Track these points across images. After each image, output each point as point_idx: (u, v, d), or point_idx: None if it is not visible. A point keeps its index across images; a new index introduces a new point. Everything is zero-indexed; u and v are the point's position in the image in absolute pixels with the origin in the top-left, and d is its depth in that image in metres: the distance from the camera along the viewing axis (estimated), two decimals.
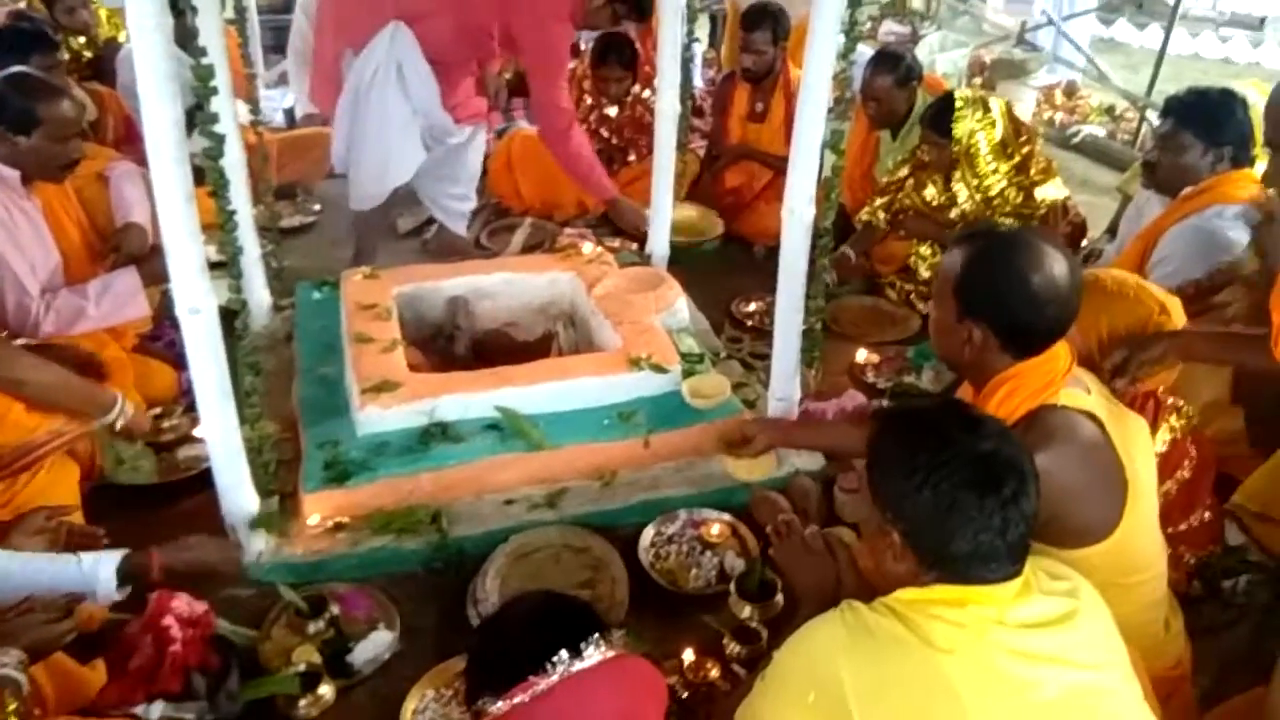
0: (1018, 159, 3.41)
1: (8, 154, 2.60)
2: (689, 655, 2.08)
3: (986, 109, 3.36)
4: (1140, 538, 1.74)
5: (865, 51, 4.77)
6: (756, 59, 4.18)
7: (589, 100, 4.58)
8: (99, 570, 1.89)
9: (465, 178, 4.05)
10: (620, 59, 4.41)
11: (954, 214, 3.50)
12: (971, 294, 1.73)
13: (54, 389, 2.35)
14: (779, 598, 2.23)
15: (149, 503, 2.53)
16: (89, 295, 2.72)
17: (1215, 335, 2.20)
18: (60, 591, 1.82)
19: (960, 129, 3.34)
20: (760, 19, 4.15)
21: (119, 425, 2.48)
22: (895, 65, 3.82)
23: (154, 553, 2.01)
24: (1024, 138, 3.44)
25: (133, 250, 2.95)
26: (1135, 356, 2.00)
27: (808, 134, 2.36)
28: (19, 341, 2.51)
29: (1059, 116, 6.18)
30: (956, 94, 3.42)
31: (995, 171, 3.41)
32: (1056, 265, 1.68)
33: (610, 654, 1.29)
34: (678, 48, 3.51)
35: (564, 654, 1.25)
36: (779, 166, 3.88)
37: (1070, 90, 6.53)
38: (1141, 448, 1.77)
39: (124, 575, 1.95)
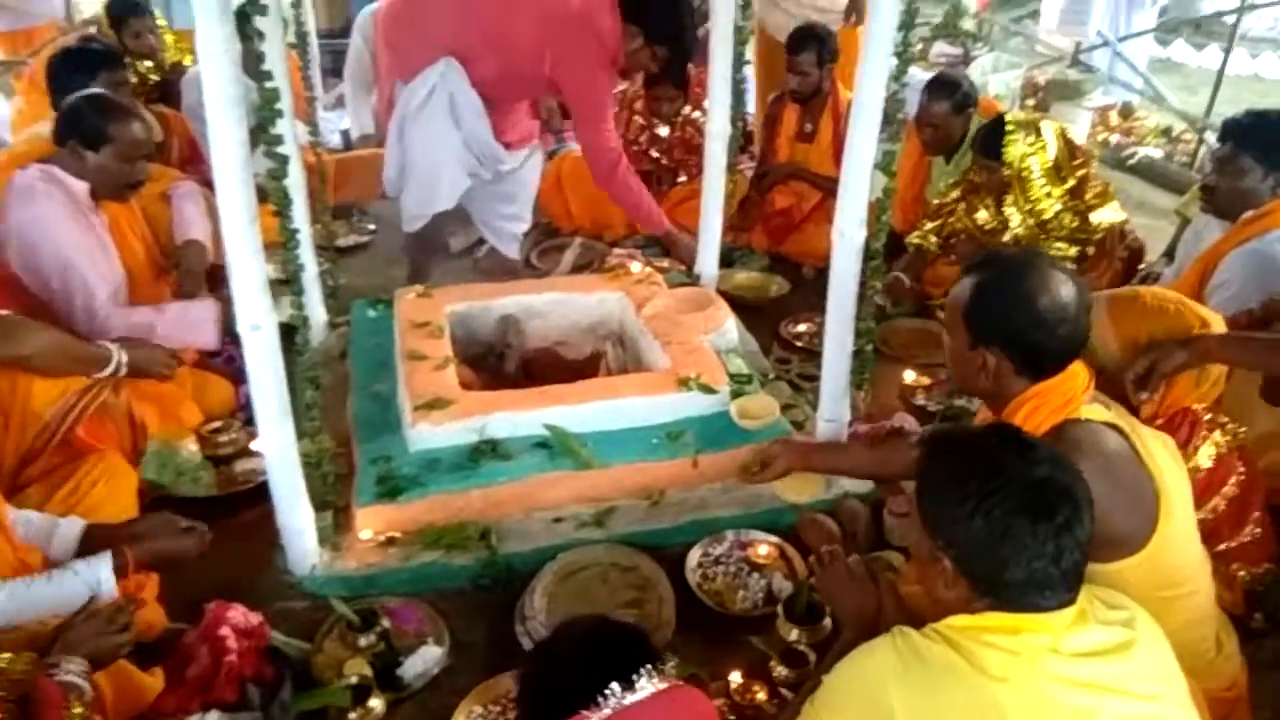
0: (1072, 182, 3.37)
1: (77, 169, 2.71)
2: (736, 677, 2.08)
3: (1038, 132, 3.33)
4: (1177, 550, 1.72)
5: (916, 74, 4.76)
6: (802, 80, 4.18)
7: (640, 120, 4.62)
8: (99, 574, 1.92)
9: (522, 199, 4.09)
10: (672, 79, 4.43)
11: (1006, 238, 3.47)
12: (981, 321, 1.77)
13: (53, 351, 2.39)
14: (827, 621, 2.21)
15: (207, 515, 2.57)
16: (162, 313, 2.83)
17: (1238, 338, 2.17)
18: (73, 606, 1.87)
19: (1011, 152, 3.31)
20: (805, 41, 4.16)
21: (122, 373, 2.53)
22: (952, 92, 3.80)
23: (127, 551, 2.02)
24: (1078, 160, 3.40)
25: (192, 267, 3.04)
26: (1158, 366, 2.00)
27: (858, 156, 2.36)
28: None
29: (1115, 138, 6.09)
30: (1008, 117, 3.39)
31: (1049, 195, 3.37)
32: (1062, 286, 1.71)
33: (663, 686, 1.28)
34: (728, 68, 3.53)
35: (616, 687, 1.24)
36: (828, 187, 3.88)
37: (1126, 112, 6.44)
38: (1168, 461, 1.75)
39: (116, 572, 1.98)
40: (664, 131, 4.57)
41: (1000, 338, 1.74)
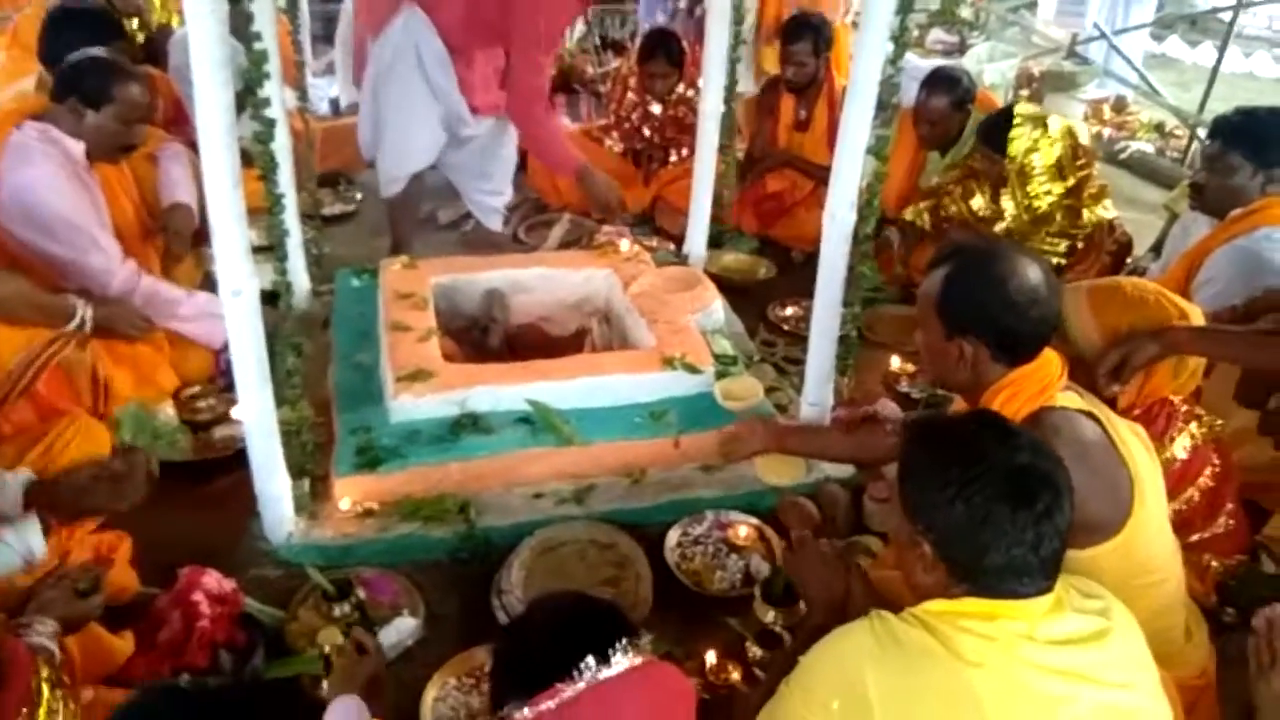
0: (1072, 181, 3.36)
1: (74, 128, 2.68)
2: (711, 657, 2.09)
3: (1045, 128, 3.31)
4: (1150, 537, 1.73)
5: (912, 59, 4.73)
6: (797, 70, 4.16)
7: (633, 97, 4.58)
8: (30, 541, 1.90)
9: (499, 173, 4.07)
10: (668, 55, 4.40)
11: (999, 228, 3.46)
12: (954, 311, 1.77)
13: (16, 298, 2.38)
14: (802, 604, 2.21)
15: (184, 480, 2.56)
16: (191, 296, 2.88)
17: (1209, 331, 2.20)
18: (10, 572, 1.85)
19: (1015, 146, 3.30)
20: (801, 31, 4.13)
21: (87, 329, 2.51)
22: (951, 88, 3.76)
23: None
24: (1081, 160, 3.39)
25: (179, 229, 3.01)
26: (1130, 359, 2.01)
27: (852, 139, 2.35)
28: None
29: (1107, 131, 6.09)
30: (1016, 110, 3.37)
31: (1047, 193, 3.36)
32: (1029, 269, 1.73)
33: (638, 660, 1.28)
34: (725, 48, 3.50)
35: (591, 661, 1.24)
36: (820, 176, 3.86)
37: (1120, 105, 6.44)
38: (1141, 450, 1.75)
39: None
40: (657, 109, 4.54)
41: (974, 325, 1.74)
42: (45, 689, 1.49)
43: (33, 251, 2.64)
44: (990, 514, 1.31)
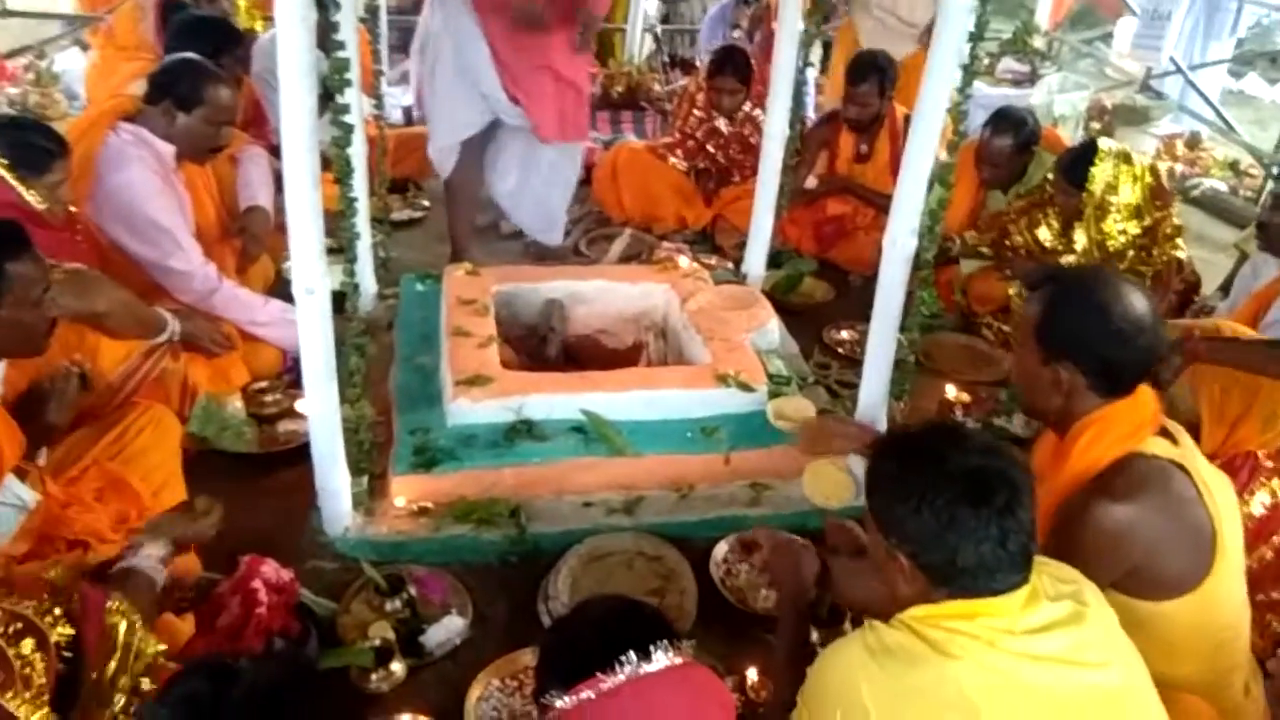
0: (1149, 222, 3.31)
1: (165, 129, 2.80)
2: (753, 674, 2.09)
3: (1129, 164, 3.27)
4: (1224, 597, 1.70)
5: (981, 88, 4.71)
6: (861, 110, 4.16)
7: (698, 114, 4.62)
8: (15, 491, 1.97)
9: (554, 201, 4.08)
10: (736, 72, 4.43)
11: (1066, 260, 3.43)
12: (1055, 336, 1.75)
13: (122, 310, 2.47)
14: (847, 625, 2.21)
15: (249, 471, 2.65)
16: (266, 304, 2.98)
17: (1223, 341, 2.18)
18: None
19: (1096, 182, 3.25)
20: (867, 72, 4.12)
21: (175, 339, 2.64)
22: (1016, 130, 3.71)
23: None
24: (1160, 202, 3.33)
25: (256, 231, 3.12)
26: (1160, 376, 1.99)
27: (916, 165, 2.35)
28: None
29: (1180, 167, 5.99)
30: (1100, 144, 3.31)
31: (1123, 232, 3.31)
32: (1136, 298, 1.71)
33: (678, 660, 1.31)
34: (791, 70, 3.53)
35: (632, 655, 1.27)
36: (880, 203, 3.86)
37: (1193, 142, 6.32)
38: (1228, 504, 1.73)
39: None
40: (724, 125, 4.56)
41: (1074, 352, 1.72)
42: (121, 627, 1.56)
43: (122, 250, 2.76)
44: (954, 516, 1.35)
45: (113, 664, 1.54)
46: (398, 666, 2.06)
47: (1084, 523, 1.63)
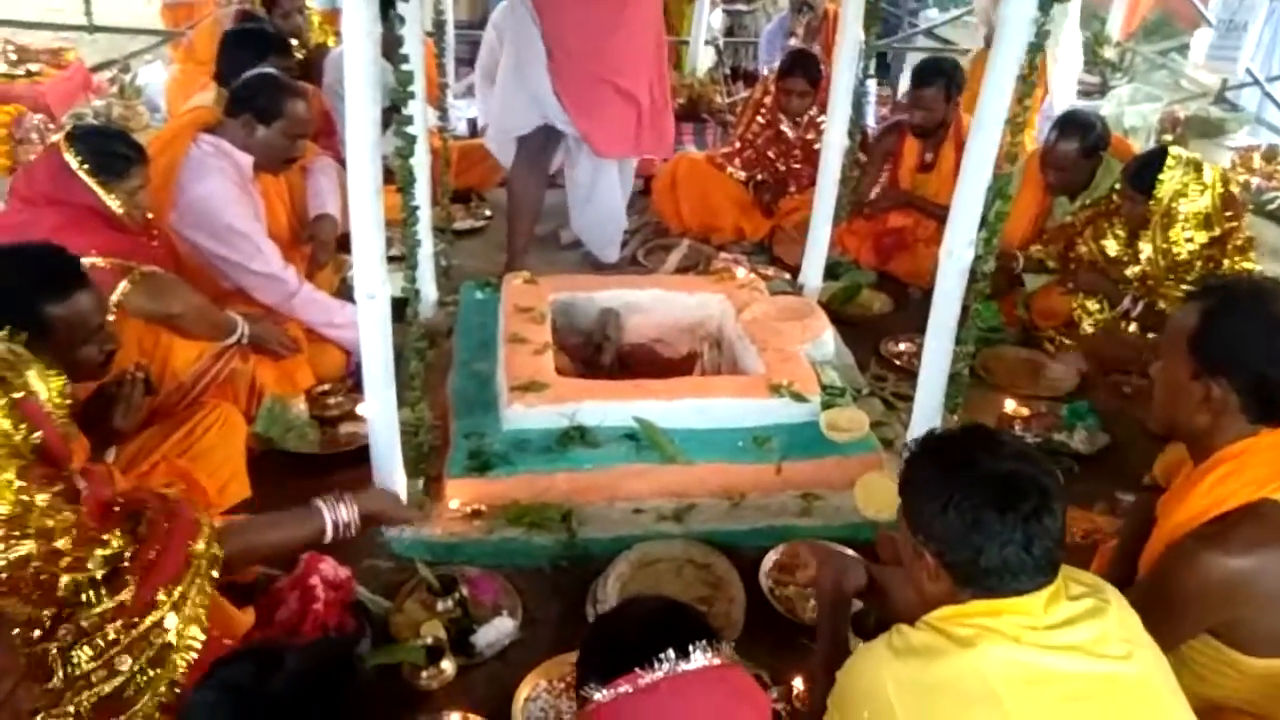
0: (1218, 232, 3.23)
1: (245, 141, 2.92)
2: (798, 684, 2.09)
3: (1198, 173, 3.20)
4: None
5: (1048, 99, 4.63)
6: (927, 115, 4.12)
7: (761, 120, 4.63)
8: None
9: (604, 217, 4.13)
10: (806, 74, 4.43)
11: (1131, 271, 3.36)
12: (1213, 348, 1.65)
13: (195, 313, 2.59)
14: None
15: (311, 471, 2.72)
16: (343, 308, 3.07)
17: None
18: None
19: (1163, 188, 3.18)
20: (932, 76, 4.10)
21: (245, 341, 2.74)
22: (1084, 134, 3.63)
23: None
24: (1231, 213, 3.25)
25: (324, 239, 3.22)
26: None
27: (973, 176, 2.34)
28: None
29: (1256, 181, 5.81)
30: (1170, 151, 3.25)
31: (1189, 240, 3.24)
32: None
33: (716, 661, 1.32)
34: (851, 79, 3.53)
35: (671, 653, 1.29)
36: (941, 216, 3.82)
37: (1271, 155, 6.12)
38: None
39: None
40: (789, 130, 4.56)
41: (1232, 368, 1.62)
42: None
43: (204, 255, 2.88)
44: (981, 519, 1.38)
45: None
46: (448, 665, 2.10)
47: (1193, 567, 1.57)
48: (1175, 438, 1.85)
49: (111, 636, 1.54)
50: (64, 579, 1.53)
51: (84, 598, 1.55)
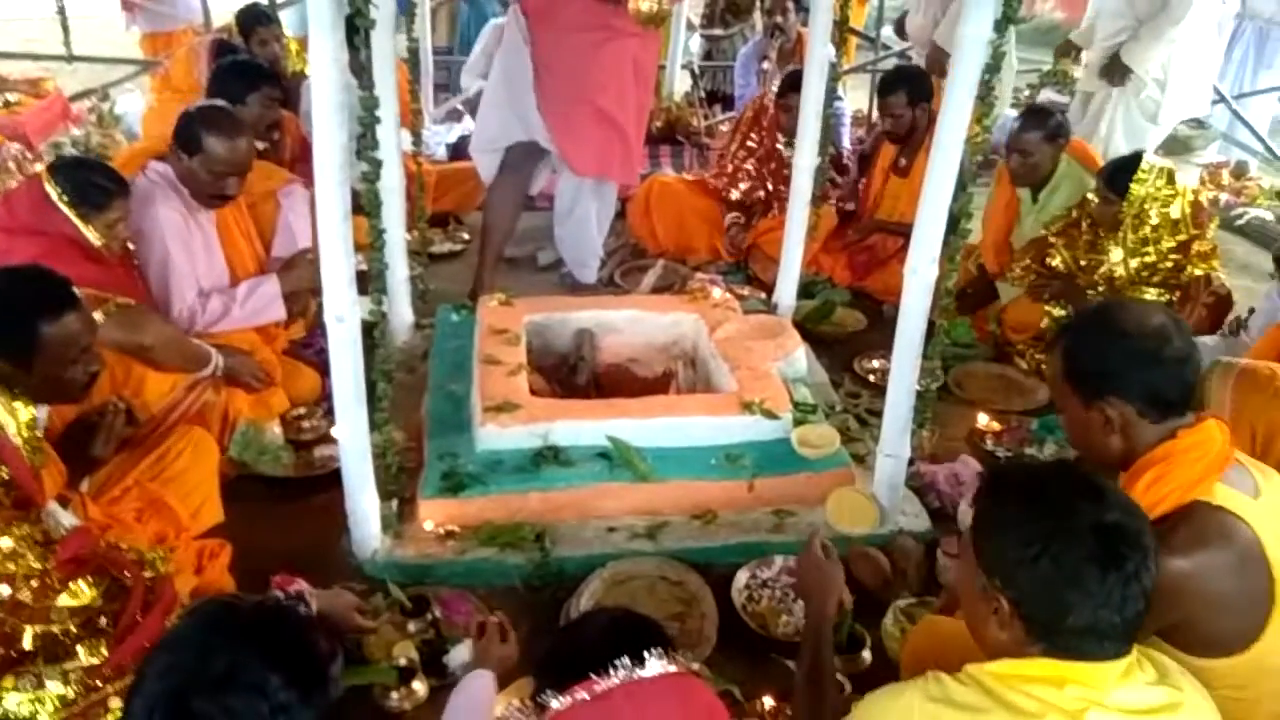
0: (1185, 237, 3.32)
1: (178, 170, 2.87)
2: (769, 701, 2.09)
3: (1171, 181, 3.29)
4: (1275, 657, 1.61)
5: (1012, 115, 4.71)
6: (894, 121, 4.19)
7: (754, 141, 4.68)
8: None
9: (582, 240, 4.16)
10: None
11: (1101, 272, 3.42)
12: (1086, 375, 1.70)
13: (167, 344, 2.58)
14: (866, 653, 2.22)
15: (284, 494, 2.73)
16: (236, 297, 2.98)
17: None
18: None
19: (1136, 190, 3.27)
20: (895, 83, 4.18)
21: (218, 373, 2.73)
22: (1044, 120, 3.73)
23: None
24: (1198, 221, 3.34)
25: (297, 286, 3.14)
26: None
27: (935, 194, 2.38)
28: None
29: (1224, 197, 5.90)
30: (1145, 158, 3.35)
31: (1157, 244, 3.32)
32: (1150, 314, 1.70)
33: (672, 669, 1.34)
34: (820, 102, 3.58)
35: (627, 660, 1.31)
36: (907, 234, 3.86)
37: (1239, 171, 6.23)
38: None
39: None
40: (786, 150, 4.59)
41: (1110, 384, 1.66)
42: None
43: (152, 288, 2.85)
44: (1079, 574, 1.26)
45: None
46: (420, 686, 2.10)
47: None
48: (1109, 467, 1.81)
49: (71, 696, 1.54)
50: (27, 630, 1.52)
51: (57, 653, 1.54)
